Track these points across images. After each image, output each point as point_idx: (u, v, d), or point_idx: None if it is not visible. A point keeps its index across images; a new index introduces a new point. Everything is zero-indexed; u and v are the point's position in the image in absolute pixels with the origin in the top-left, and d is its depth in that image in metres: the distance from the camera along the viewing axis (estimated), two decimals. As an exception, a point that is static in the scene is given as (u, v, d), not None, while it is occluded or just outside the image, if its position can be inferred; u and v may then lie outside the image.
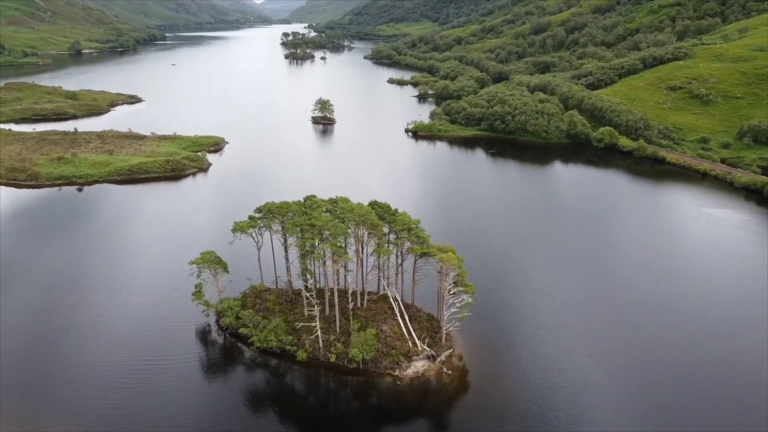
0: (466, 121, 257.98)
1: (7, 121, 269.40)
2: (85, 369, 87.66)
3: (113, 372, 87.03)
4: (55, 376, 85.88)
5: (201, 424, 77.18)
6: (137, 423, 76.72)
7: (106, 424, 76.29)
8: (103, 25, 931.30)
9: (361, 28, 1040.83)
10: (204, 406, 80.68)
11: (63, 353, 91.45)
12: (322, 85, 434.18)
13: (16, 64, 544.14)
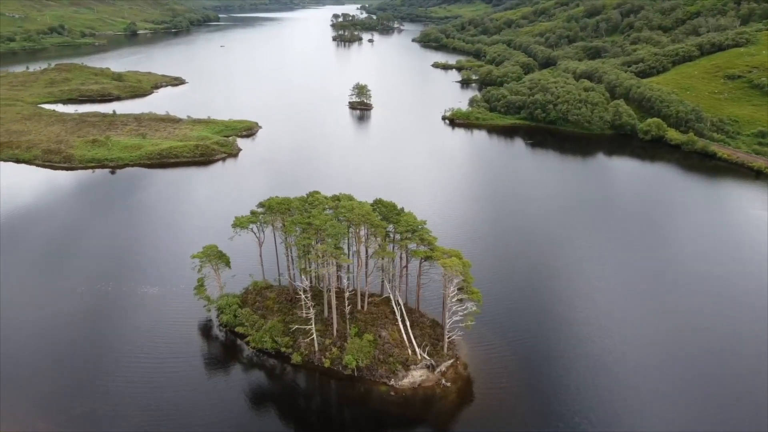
0: (505, 109, 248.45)
1: (55, 101, 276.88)
2: (81, 359, 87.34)
3: (108, 363, 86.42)
4: (53, 364, 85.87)
5: (184, 419, 75.57)
6: (120, 411, 75.61)
7: (93, 411, 75.54)
8: (159, 6, 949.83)
9: (413, 10, 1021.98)
10: (193, 402, 79.14)
11: (62, 342, 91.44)
12: (365, 68, 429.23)
13: (73, 44, 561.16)
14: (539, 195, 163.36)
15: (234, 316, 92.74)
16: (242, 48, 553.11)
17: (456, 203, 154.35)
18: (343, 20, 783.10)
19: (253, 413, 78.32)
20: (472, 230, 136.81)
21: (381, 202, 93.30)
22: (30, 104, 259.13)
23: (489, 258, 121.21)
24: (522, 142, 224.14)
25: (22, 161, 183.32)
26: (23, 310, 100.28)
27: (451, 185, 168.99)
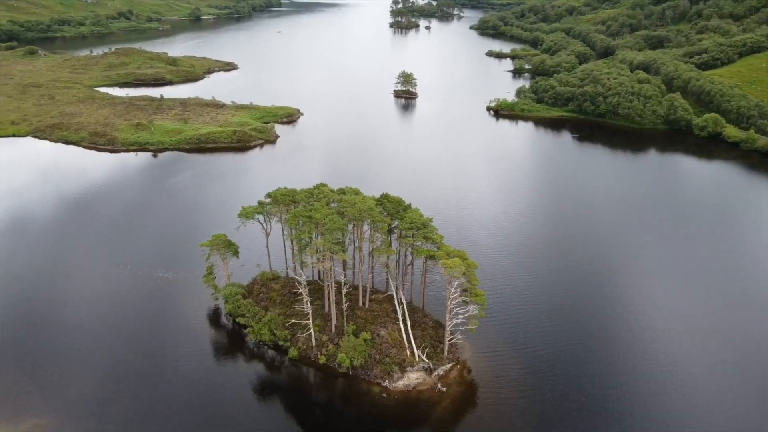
0: (553, 101, 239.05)
1: (112, 84, 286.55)
2: (84, 339, 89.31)
3: (113, 345, 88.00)
4: (58, 344, 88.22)
5: (176, 402, 76.10)
6: (114, 395, 76.78)
7: (88, 390, 77.12)
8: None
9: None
10: (188, 387, 79.63)
11: (69, 323, 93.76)
12: (416, 56, 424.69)
13: (139, 29, 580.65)
14: (581, 193, 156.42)
15: (237, 307, 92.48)
16: (298, 34, 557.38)
17: (487, 199, 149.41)
18: (403, 6, 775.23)
19: (243, 403, 77.84)
20: (500, 228, 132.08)
21: (387, 197, 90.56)
22: (87, 87, 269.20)
23: (514, 259, 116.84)
24: (567, 135, 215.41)
25: (71, 142, 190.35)
26: (37, 289, 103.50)
27: (485, 179, 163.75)
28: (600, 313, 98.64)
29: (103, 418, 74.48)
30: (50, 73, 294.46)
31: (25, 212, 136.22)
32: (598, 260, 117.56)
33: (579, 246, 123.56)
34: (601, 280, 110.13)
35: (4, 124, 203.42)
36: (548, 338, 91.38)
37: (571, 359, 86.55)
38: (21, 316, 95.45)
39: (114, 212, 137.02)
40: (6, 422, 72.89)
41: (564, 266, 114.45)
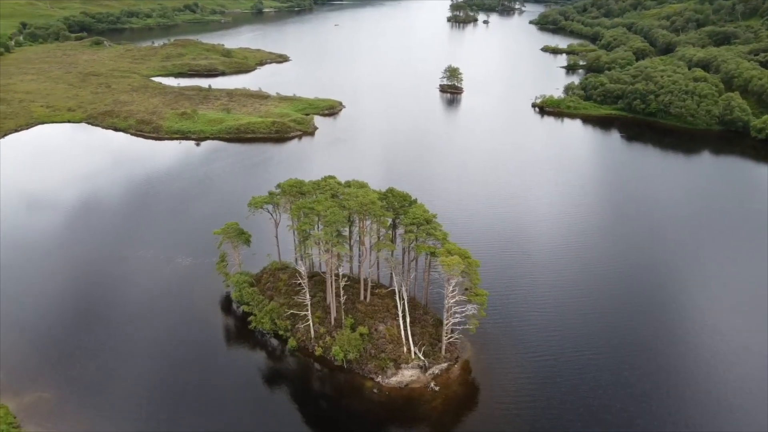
0: (602, 99, 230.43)
1: (167, 75, 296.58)
2: (96, 318, 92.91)
3: (122, 325, 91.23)
4: (71, 321, 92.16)
5: (173, 386, 78.14)
6: (118, 370, 79.59)
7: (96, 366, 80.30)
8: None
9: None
10: (187, 371, 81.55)
11: (85, 301, 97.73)
12: (468, 50, 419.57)
13: (202, 21, 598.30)
14: (618, 195, 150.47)
15: (242, 295, 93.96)
16: (354, 27, 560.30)
17: (516, 198, 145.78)
18: (463, 0, 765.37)
19: (235, 387, 79.10)
20: (525, 228, 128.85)
21: (392, 191, 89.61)
22: (143, 77, 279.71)
23: (535, 261, 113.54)
24: (613, 134, 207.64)
25: (119, 129, 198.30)
26: (61, 268, 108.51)
27: (517, 178, 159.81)
28: (615, 325, 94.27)
29: (102, 395, 77.29)
30: (111, 63, 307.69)
31: (63, 195, 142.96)
32: (634, 268, 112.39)
33: (613, 253, 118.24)
34: (625, 289, 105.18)
35: (61, 111, 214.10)
36: (555, 345, 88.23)
37: (574, 369, 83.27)
38: (43, 292, 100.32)
39: (146, 198, 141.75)
40: (14, 395, 76.74)
41: (590, 274, 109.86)
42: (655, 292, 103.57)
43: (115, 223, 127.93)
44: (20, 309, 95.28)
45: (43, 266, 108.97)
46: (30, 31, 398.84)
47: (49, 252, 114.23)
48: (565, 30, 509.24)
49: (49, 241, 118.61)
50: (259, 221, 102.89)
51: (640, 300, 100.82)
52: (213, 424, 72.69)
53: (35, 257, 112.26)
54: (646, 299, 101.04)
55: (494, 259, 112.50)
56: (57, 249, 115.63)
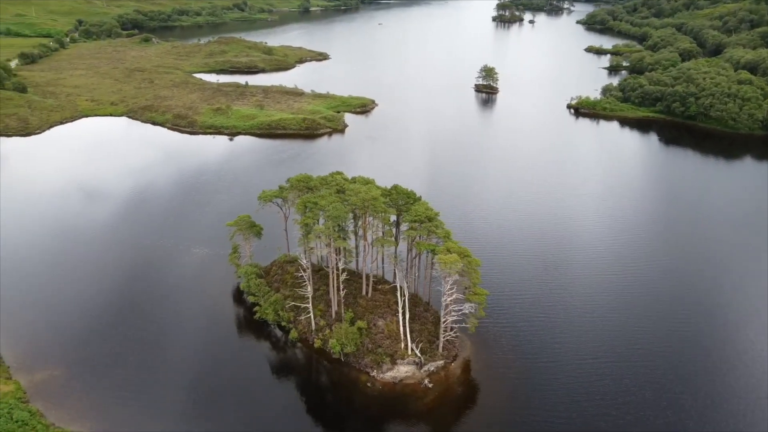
0: (640, 100, 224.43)
1: (209, 71, 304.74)
2: (110, 302, 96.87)
3: (134, 310, 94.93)
4: (88, 303, 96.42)
5: (173, 371, 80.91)
6: (124, 354, 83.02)
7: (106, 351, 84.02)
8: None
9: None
10: (191, 357, 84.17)
11: (102, 285, 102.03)
12: (509, 50, 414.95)
13: (250, 19, 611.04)
14: (648, 198, 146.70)
15: (249, 285, 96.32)
16: (398, 26, 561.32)
17: (536, 200, 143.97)
18: (510, 0, 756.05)
19: (232, 374, 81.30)
20: (544, 230, 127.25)
21: (396, 188, 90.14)
22: (186, 73, 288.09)
23: (550, 265, 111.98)
24: (649, 137, 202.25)
25: (157, 123, 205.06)
26: (85, 252, 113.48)
27: (542, 179, 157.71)
28: (623, 333, 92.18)
29: (108, 377, 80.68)
30: (157, 59, 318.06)
31: (92, 184, 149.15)
32: (654, 277, 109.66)
33: (632, 260, 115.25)
34: (642, 298, 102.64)
35: (104, 104, 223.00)
36: (558, 350, 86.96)
37: (573, 374, 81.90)
38: (62, 275, 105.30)
39: (172, 189, 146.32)
40: (26, 372, 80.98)
41: (606, 281, 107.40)
42: (676, 302, 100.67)
43: (140, 212, 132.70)
44: (39, 291, 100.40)
45: (64, 251, 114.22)
46: (85, 28, 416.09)
47: (72, 238, 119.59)
48: (613, 30, 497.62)
49: (72, 228, 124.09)
50: (272, 215, 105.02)
51: (655, 309, 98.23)
52: (206, 407, 75.02)
53: (58, 242, 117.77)
54: (662, 309, 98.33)
55: (508, 261, 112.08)
56: (80, 235, 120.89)
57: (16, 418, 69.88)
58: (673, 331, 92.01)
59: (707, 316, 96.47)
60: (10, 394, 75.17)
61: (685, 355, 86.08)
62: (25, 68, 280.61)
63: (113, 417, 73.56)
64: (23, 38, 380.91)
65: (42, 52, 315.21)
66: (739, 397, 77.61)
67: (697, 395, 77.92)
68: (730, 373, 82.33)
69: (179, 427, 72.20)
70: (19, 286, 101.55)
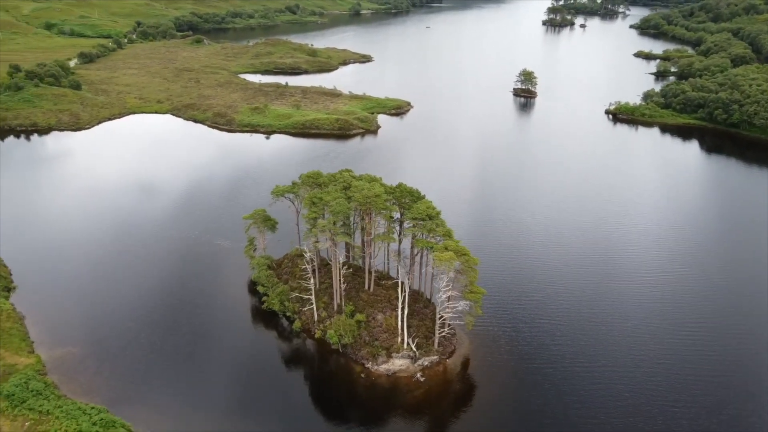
0: (681, 107, 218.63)
1: (254, 72, 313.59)
2: (131, 287, 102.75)
3: (153, 296, 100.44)
4: (111, 287, 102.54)
5: (179, 354, 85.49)
6: (139, 337, 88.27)
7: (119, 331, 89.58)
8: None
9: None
10: (200, 341, 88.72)
11: (126, 271, 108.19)
12: (555, 54, 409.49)
13: (301, 21, 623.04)
14: (673, 209, 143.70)
15: (259, 276, 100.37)
16: (446, 30, 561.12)
17: (556, 207, 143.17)
18: (563, 3, 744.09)
19: (239, 359, 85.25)
20: (562, 235, 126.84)
21: (401, 186, 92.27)
22: (231, 73, 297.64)
23: (564, 272, 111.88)
24: (690, 144, 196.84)
25: (198, 121, 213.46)
26: (115, 241, 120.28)
27: (569, 184, 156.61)
28: (623, 340, 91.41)
29: (120, 357, 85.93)
30: (206, 60, 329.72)
31: (128, 177, 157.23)
32: (670, 289, 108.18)
33: (650, 270, 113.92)
34: (652, 308, 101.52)
35: (151, 102, 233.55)
36: (555, 353, 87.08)
37: (567, 377, 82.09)
38: (90, 261, 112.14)
39: (203, 184, 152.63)
40: (47, 347, 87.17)
41: (618, 290, 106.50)
42: (686, 313, 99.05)
43: (169, 205, 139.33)
44: (67, 274, 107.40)
45: (95, 239, 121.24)
46: (142, 30, 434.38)
47: (103, 227, 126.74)
48: (667, 35, 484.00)
49: (105, 217, 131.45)
50: (288, 209, 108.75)
51: (661, 318, 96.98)
52: (206, 386, 79.22)
53: (90, 230, 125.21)
54: (669, 318, 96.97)
55: (520, 264, 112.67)
56: (111, 225, 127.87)
57: (32, 388, 75.62)
58: (676, 342, 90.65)
59: (713, 330, 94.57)
60: (30, 366, 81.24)
61: (686, 367, 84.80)
62: (83, 67, 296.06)
63: (121, 393, 78.43)
64: (85, 39, 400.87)
65: (100, 52, 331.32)
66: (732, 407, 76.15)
67: (692, 406, 76.78)
68: (720, 386, 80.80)
69: (179, 401, 76.60)
70: (48, 269, 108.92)
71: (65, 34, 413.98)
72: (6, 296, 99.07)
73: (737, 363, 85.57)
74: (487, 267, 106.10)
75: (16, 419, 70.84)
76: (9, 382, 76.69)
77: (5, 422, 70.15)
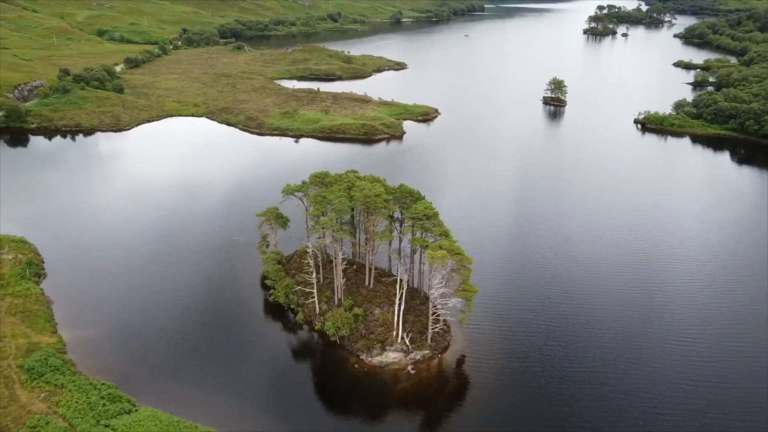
0: (712, 117, 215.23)
1: (290, 78, 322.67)
2: (154, 277, 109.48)
3: (173, 286, 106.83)
4: (135, 276, 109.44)
5: (190, 342, 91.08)
6: (153, 322, 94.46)
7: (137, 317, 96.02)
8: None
9: (698, 2, 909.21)
10: (211, 331, 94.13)
11: (148, 265, 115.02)
12: (593, 63, 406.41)
13: (341, 29, 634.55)
14: (687, 219, 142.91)
15: (268, 271, 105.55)
16: (485, 38, 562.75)
17: (566, 216, 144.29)
18: (607, 12, 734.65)
19: (243, 346, 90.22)
20: (572, 243, 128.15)
21: (402, 187, 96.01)
22: (267, 79, 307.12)
23: (572, 275, 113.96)
24: (720, 155, 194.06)
25: (230, 124, 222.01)
26: (144, 236, 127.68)
27: (578, 195, 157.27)
28: (620, 346, 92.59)
29: (136, 339, 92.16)
30: (245, 66, 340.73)
31: (159, 175, 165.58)
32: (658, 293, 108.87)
33: (651, 280, 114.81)
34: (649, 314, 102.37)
35: (188, 106, 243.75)
36: (548, 354, 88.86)
37: (554, 378, 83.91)
38: (114, 252, 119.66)
39: (229, 184, 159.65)
40: (70, 328, 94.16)
41: (624, 297, 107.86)
42: (687, 322, 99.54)
43: (193, 202, 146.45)
44: (93, 262, 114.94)
45: (122, 233, 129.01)
46: (187, 36, 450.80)
47: (131, 222, 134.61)
48: (712, 44, 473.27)
49: (132, 213, 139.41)
50: (298, 207, 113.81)
51: (659, 327, 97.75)
52: (211, 368, 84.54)
53: (118, 223, 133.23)
54: (666, 325, 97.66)
55: (525, 270, 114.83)
56: (138, 220, 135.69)
57: (50, 364, 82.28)
58: (672, 348, 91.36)
59: (717, 334, 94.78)
60: (52, 345, 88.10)
61: (677, 374, 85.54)
62: (128, 72, 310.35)
63: (130, 372, 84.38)
64: (134, 45, 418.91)
65: (145, 58, 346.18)
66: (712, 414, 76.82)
67: (675, 410, 77.79)
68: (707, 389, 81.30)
69: (181, 380, 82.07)
70: (77, 259, 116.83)
71: (115, 40, 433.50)
72: (37, 282, 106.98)
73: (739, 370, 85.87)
74: (488, 268, 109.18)
75: (33, 390, 77.44)
76: (30, 357, 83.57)
77: (23, 392, 76.85)
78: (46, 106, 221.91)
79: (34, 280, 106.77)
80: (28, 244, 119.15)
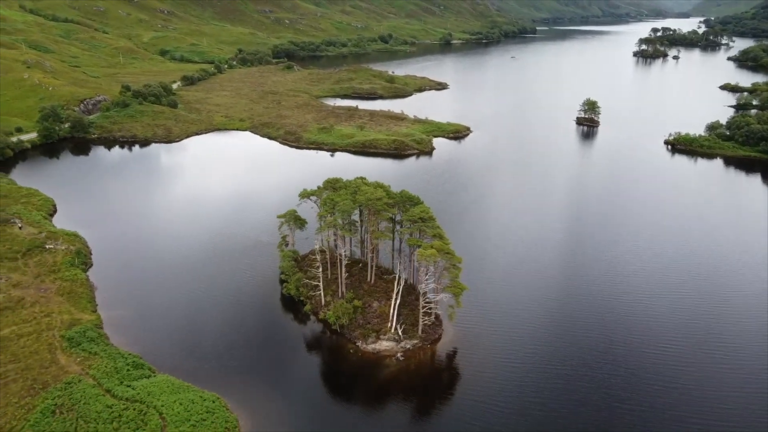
0: (744, 139, 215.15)
1: (334, 96, 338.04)
2: (183, 272, 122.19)
3: (198, 278, 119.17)
4: (165, 267, 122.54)
5: (211, 325, 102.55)
6: (177, 306, 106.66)
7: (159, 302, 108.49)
8: (482, 18, 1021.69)
9: (761, 24, 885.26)
10: (228, 319, 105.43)
11: (179, 259, 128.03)
12: (637, 86, 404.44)
13: (391, 50, 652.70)
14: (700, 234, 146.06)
15: (283, 267, 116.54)
16: (531, 60, 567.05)
17: (576, 232, 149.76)
18: (661, 34, 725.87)
19: (253, 331, 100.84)
20: (579, 254, 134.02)
21: (403, 192, 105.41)
22: (312, 96, 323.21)
23: (576, 280, 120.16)
24: (748, 178, 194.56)
25: (271, 138, 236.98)
26: (178, 233, 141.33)
27: (594, 215, 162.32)
28: (616, 349, 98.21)
29: (163, 319, 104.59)
30: (292, 84, 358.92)
31: (202, 184, 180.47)
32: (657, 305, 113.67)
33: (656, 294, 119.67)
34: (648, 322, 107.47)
35: (234, 120, 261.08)
36: (538, 354, 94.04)
37: (541, 376, 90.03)
38: (151, 247, 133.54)
39: (262, 192, 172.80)
40: (107, 308, 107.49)
41: (626, 302, 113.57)
42: (687, 331, 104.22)
43: (227, 208, 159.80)
44: (136, 256, 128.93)
45: (163, 231, 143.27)
46: (242, 56, 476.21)
47: (172, 223, 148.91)
48: (766, 67, 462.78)
49: (174, 214, 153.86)
50: (314, 210, 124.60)
51: (657, 335, 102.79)
52: (224, 350, 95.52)
53: (159, 224, 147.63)
54: (667, 337, 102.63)
55: (529, 277, 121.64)
56: (179, 221, 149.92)
57: (88, 336, 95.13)
58: (665, 352, 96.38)
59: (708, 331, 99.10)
60: (90, 321, 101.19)
61: (654, 373, 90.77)
62: (184, 89, 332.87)
63: (155, 347, 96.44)
64: (192, 64, 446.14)
65: (201, 75, 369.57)
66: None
67: (655, 413, 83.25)
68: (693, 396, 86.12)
69: (196, 356, 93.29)
70: (121, 252, 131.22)
71: (176, 60, 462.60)
72: (83, 269, 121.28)
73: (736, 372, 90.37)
74: (489, 269, 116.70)
75: (71, 356, 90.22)
76: (72, 329, 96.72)
77: (63, 356, 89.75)
78: (107, 118, 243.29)
79: (81, 268, 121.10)
80: (80, 238, 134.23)
